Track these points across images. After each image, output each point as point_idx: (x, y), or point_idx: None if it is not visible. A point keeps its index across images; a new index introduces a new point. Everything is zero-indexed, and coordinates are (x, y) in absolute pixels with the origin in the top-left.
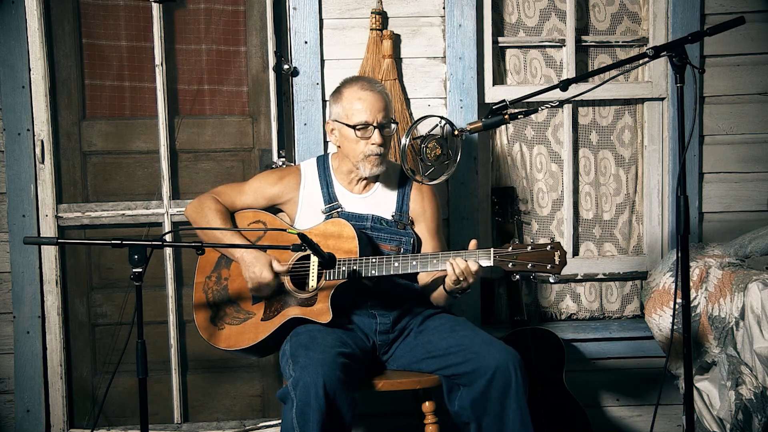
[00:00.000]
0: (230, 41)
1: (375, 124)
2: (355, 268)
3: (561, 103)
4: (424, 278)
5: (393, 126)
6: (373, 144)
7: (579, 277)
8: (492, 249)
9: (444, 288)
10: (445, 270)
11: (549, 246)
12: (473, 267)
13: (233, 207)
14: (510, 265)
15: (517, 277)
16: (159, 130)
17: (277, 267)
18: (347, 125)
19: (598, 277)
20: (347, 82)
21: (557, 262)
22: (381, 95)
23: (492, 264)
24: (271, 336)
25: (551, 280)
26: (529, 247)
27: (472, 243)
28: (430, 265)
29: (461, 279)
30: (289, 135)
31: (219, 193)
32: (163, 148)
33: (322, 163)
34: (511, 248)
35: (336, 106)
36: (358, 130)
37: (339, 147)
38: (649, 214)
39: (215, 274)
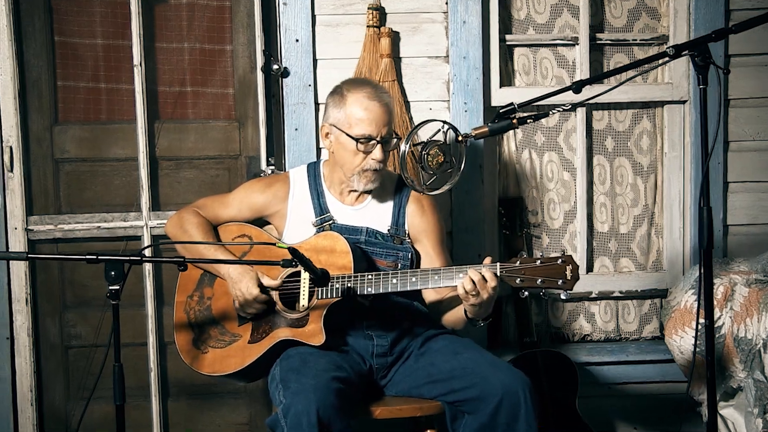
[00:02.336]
0: (215, 39)
1: (378, 139)
2: (349, 285)
3: (574, 107)
4: (430, 297)
5: (394, 141)
6: (373, 159)
7: (593, 295)
8: (498, 263)
9: (465, 314)
10: (449, 286)
11: (560, 259)
12: (488, 275)
13: (216, 220)
14: (518, 280)
15: (526, 293)
16: (138, 135)
17: (267, 281)
18: (348, 135)
19: (614, 295)
20: (352, 86)
21: (569, 277)
22: (387, 107)
23: (498, 279)
24: (260, 360)
25: (563, 297)
26: (538, 261)
27: (487, 259)
28: (432, 281)
29: (473, 294)
30: (278, 141)
31: (200, 206)
32: (142, 155)
33: (313, 171)
34: (518, 262)
35: (336, 109)
36: (361, 143)
37: (332, 153)
38: (669, 227)
39: (198, 292)
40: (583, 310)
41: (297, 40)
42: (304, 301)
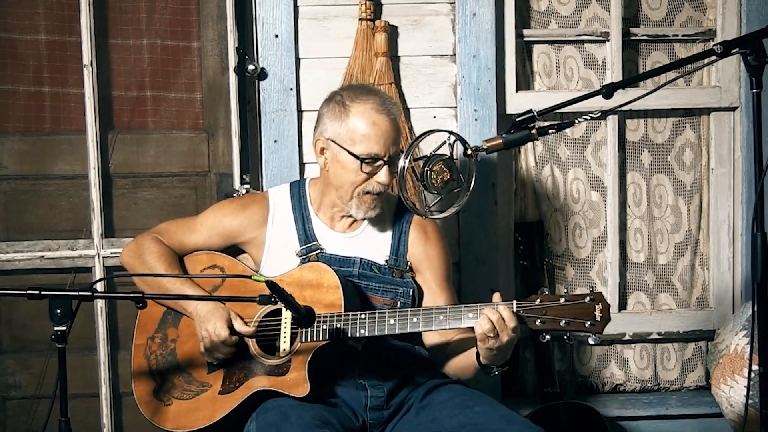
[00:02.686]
0: (179, 35)
1: (386, 159)
2: (339, 326)
3: (604, 114)
4: (432, 340)
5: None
6: (377, 182)
7: (627, 337)
8: (515, 301)
9: (478, 359)
10: (457, 328)
11: (587, 297)
12: (506, 314)
13: (182, 249)
14: (538, 322)
15: (548, 337)
16: (88, 148)
17: (239, 326)
18: (350, 152)
19: (652, 337)
20: (355, 95)
21: (598, 318)
22: (395, 122)
23: (518, 319)
24: (232, 413)
25: (590, 342)
26: (563, 299)
27: (496, 296)
28: (436, 322)
29: (491, 336)
30: (255, 155)
31: (163, 232)
32: (93, 171)
33: (297, 190)
34: (539, 300)
35: (336, 122)
36: (366, 163)
37: (326, 172)
38: (716, 257)
39: (160, 334)
40: (615, 356)
41: (276, 36)
42: (285, 344)
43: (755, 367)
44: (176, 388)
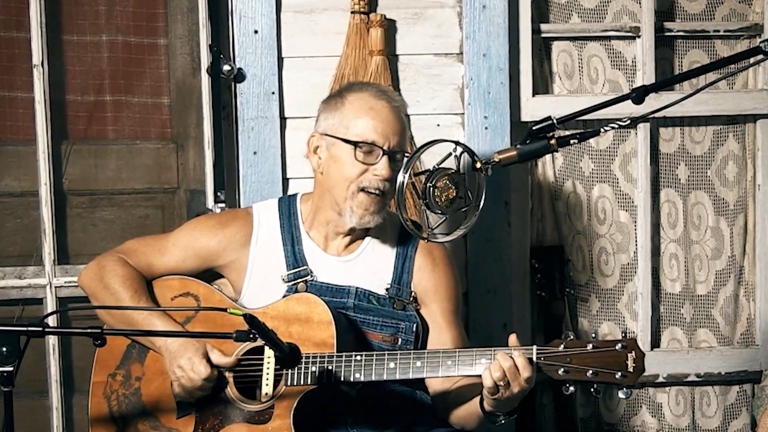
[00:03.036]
0: (144, 30)
1: (386, 148)
2: (330, 368)
3: (634, 122)
4: (437, 386)
5: (404, 161)
6: (375, 175)
7: (661, 379)
8: (534, 347)
9: (481, 405)
10: (468, 376)
11: (619, 344)
12: (520, 362)
13: (151, 272)
14: (561, 371)
15: (572, 389)
16: (39, 161)
17: (216, 357)
18: (344, 140)
19: (689, 379)
20: (353, 87)
21: (631, 370)
22: (398, 111)
23: (534, 368)
24: None
25: (621, 396)
26: (590, 346)
27: (512, 338)
28: (443, 368)
29: (501, 385)
30: (231, 169)
31: (129, 252)
32: (44, 188)
33: (287, 207)
34: (563, 346)
35: (331, 115)
36: (360, 148)
37: (320, 176)
38: (763, 287)
39: (122, 370)
40: (647, 400)
41: (256, 32)
42: (267, 387)
43: None
44: None
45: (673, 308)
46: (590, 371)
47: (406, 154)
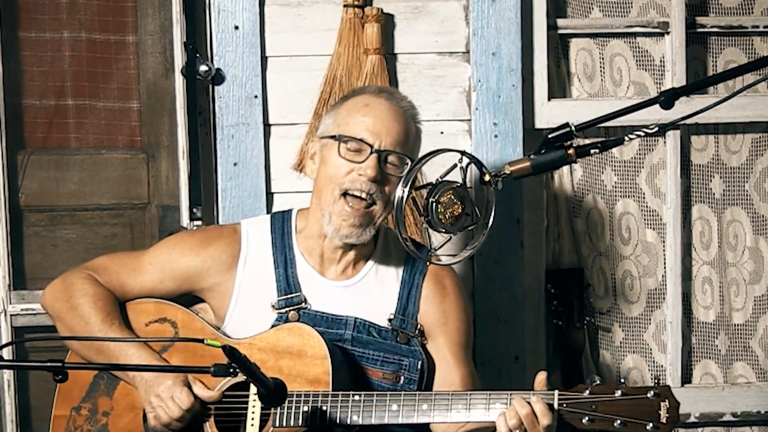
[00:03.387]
0: (111, 26)
1: (376, 147)
2: (324, 409)
3: (662, 129)
4: (441, 429)
5: (405, 167)
6: (360, 175)
7: (693, 419)
8: (556, 392)
9: None
10: (481, 422)
11: (651, 392)
12: (539, 409)
13: (123, 293)
14: (586, 420)
15: None
16: None
17: (199, 390)
18: (333, 137)
19: (725, 419)
20: (358, 88)
21: (664, 420)
22: (404, 112)
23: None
24: None
25: None
26: (619, 392)
27: (539, 378)
28: (454, 412)
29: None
30: (208, 182)
31: (100, 270)
32: None
33: (281, 224)
34: (587, 392)
35: (328, 116)
36: (345, 143)
37: (316, 183)
38: None
39: (88, 403)
40: None
41: (237, 28)
42: (252, 428)
43: None
44: None
45: (707, 339)
46: (618, 421)
47: (406, 162)
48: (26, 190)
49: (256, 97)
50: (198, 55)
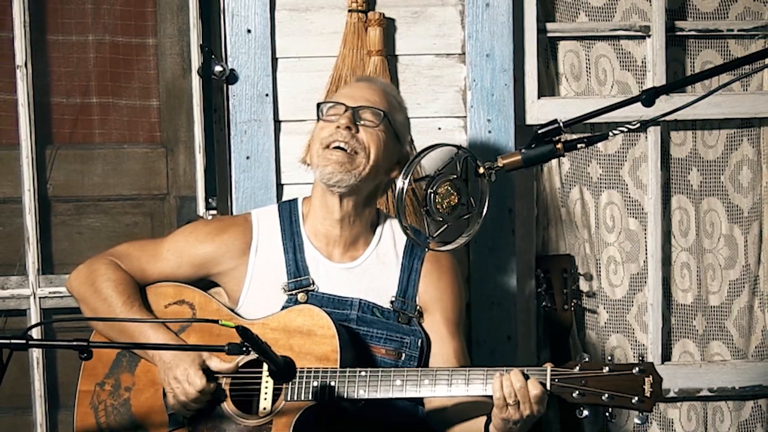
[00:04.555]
0: (132, 30)
1: (350, 105)
2: (333, 384)
3: (644, 125)
4: (435, 401)
5: (383, 119)
6: (337, 127)
7: (672, 394)
8: (549, 368)
9: (486, 428)
10: (478, 396)
11: (636, 368)
12: (534, 390)
13: (143, 278)
14: (576, 394)
15: (585, 413)
16: (22, 166)
17: (215, 364)
18: (318, 117)
19: (702, 394)
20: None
21: (648, 395)
22: (376, 86)
23: (548, 390)
24: None
25: (636, 421)
26: (606, 369)
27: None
28: (455, 386)
29: (512, 404)
30: (223, 174)
31: (122, 256)
32: (27, 195)
33: (288, 212)
34: (577, 368)
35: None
36: (325, 106)
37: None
38: None
39: (112, 379)
40: (657, 416)
41: (249, 31)
42: (266, 402)
43: None
44: None
45: (685, 320)
46: (606, 395)
47: (381, 116)
48: (54, 182)
49: (267, 95)
50: (213, 56)
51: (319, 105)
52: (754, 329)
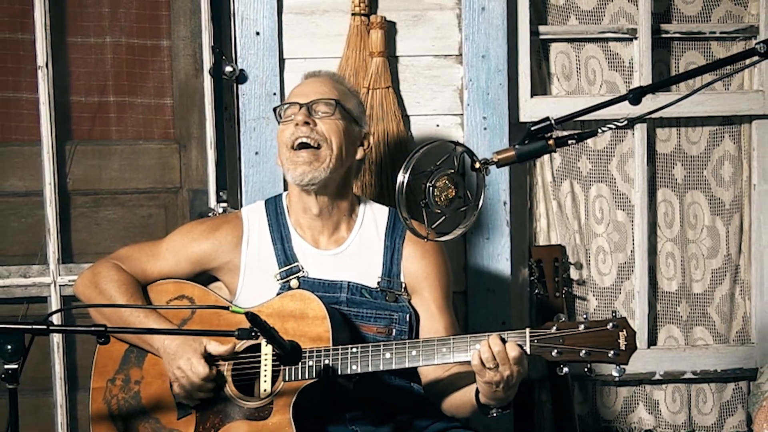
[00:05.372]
0: (147, 32)
1: (302, 102)
2: (327, 362)
3: (631, 123)
4: (430, 374)
5: (335, 108)
6: (296, 125)
7: (657, 377)
8: (527, 329)
9: (477, 396)
10: (463, 362)
11: (610, 324)
12: (512, 352)
13: (145, 277)
14: (554, 352)
15: (566, 369)
16: (43, 161)
17: (214, 347)
18: (278, 122)
19: (686, 376)
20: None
21: (623, 347)
22: (322, 78)
23: (528, 351)
24: None
25: (614, 373)
26: (582, 326)
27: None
28: (439, 356)
29: (491, 367)
30: (233, 169)
31: (123, 258)
32: (48, 188)
33: (274, 207)
34: (554, 328)
35: None
36: (281, 108)
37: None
38: (759, 285)
39: (122, 375)
40: (644, 397)
41: (258, 34)
42: (266, 384)
43: None
44: None
45: (670, 306)
46: (583, 351)
47: (333, 105)
48: (73, 176)
49: (274, 94)
50: (224, 57)
51: (275, 109)
52: (735, 315)
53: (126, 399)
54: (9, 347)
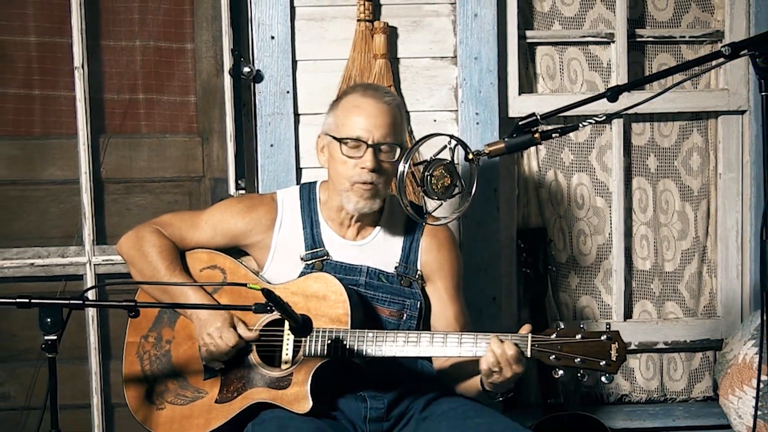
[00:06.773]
0: (173, 36)
1: (370, 142)
2: (344, 343)
3: (609, 118)
4: (441, 361)
5: (397, 151)
6: (362, 168)
7: (633, 347)
8: (530, 335)
9: (482, 385)
10: (469, 357)
11: (604, 335)
12: (509, 351)
13: (183, 244)
14: (552, 357)
15: (561, 372)
16: (79, 153)
17: (242, 331)
18: (334, 138)
19: (658, 347)
20: (349, 88)
21: (614, 359)
22: (388, 107)
23: (529, 355)
24: (228, 424)
25: (603, 380)
26: (579, 335)
27: (525, 327)
28: (450, 347)
29: (495, 371)
30: (250, 160)
31: (165, 225)
32: (84, 176)
33: (308, 194)
34: (554, 335)
35: (329, 116)
36: (345, 144)
37: (327, 169)
38: (724, 264)
39: (154, 333)
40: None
41: (273, 38)
42: (287, 356)
43: (764, 378)
44: (170, 393)
45: (644, 283)
46: (578, 359)
47: (395, 147)
48: (106, 166)
49: (288, 92)
50: (242, 59)
51: (340, 139)
52: (703, 291)
53: (157, 356)
54: (49, 320)
